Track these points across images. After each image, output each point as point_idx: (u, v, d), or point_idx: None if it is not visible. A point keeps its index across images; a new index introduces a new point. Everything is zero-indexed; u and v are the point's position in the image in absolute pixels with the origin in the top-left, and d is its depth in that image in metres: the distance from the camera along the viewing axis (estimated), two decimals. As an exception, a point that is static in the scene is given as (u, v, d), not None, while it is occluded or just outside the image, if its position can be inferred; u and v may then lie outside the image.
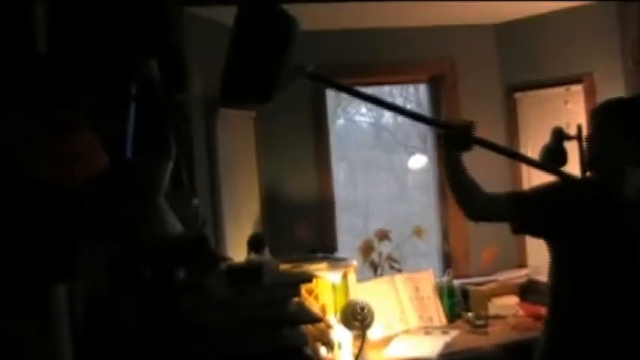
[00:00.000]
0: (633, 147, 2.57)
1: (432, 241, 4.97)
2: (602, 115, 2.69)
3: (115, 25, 2.64)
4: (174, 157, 2.37)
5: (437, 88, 4.95)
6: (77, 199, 1.81)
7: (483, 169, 3.02)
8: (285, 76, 2.29)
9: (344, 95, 6.17)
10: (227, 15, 4.04)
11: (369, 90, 6.07)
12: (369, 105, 6.79)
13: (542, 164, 2.89)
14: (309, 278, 2.84)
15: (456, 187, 2.76)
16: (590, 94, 4.49)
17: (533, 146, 4.49)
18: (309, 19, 4.43)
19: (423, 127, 6.57)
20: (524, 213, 2.80)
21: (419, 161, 5.13)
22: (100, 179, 1.93)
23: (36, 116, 1.63)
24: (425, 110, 5.15)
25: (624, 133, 2.59)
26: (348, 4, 4.12)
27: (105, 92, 2.06)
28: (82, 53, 2.47)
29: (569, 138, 3.02)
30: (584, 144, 2.81)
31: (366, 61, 4.67)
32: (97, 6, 2.70)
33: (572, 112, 4.52)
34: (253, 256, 3.65)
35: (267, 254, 3.70)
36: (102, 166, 1.83)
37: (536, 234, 2.94)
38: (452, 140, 2.66)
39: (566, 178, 2.72)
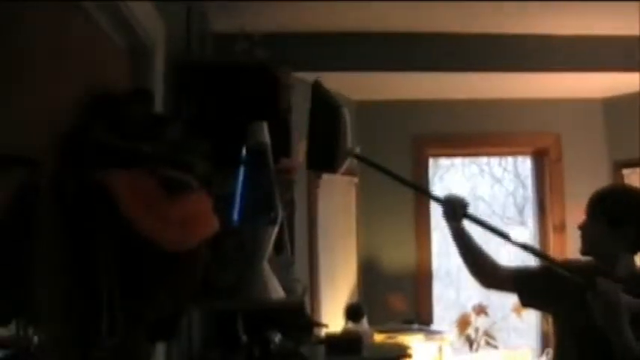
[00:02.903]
0: (621, 237, 2.59)
1: (530, 318, 4.81)
2: (592, 206, 2.68)
3: (230, 91, 2.70)
4: (279, 223, 2.37)
5: (540, 162, 4.86)
6: (189, 261, 1.81)
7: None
8: (342, 154, 2.59)
9: (442, 163, 6.14)
10: (333, 80, 4.12)
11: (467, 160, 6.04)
12: (467, 174, 6.77)
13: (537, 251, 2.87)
14: (407, 353, 2.78)
15: (464, 258, 2.78)
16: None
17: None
18: (416, 88, 4.47)
19: (520, 199, 6.46)
20: (527, 288, 2.79)
21: (520, 236, 5.00)
22: (208, 241, 1.93)
23: (156, 177, 1.65)
24: (526, 183, 5.05)
25: (613, 224, 2.60)
26: (453, 74, 4.12)
27: (218, 156, 2.07)
28: (199, 118, 2.53)
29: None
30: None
31: (470, 132, 4.64)
32: (214, 74, 2.77)
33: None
34: (350, 325, 3.60)
35: (364, 324, 3.65)
36: (214, 230, 1.83)
37: (541, 308, 2.93)
38: (449, 212, 2.71)
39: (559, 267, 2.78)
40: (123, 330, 1.60)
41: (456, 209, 2.67)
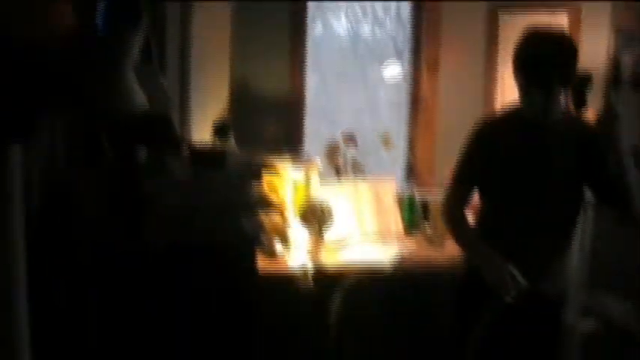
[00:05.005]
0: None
1: (399, 157, 4.97)
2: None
3: None
4: (144, 28, 2.30)
5: (419, 6, 4.87)
6: (41, 55, 1.75)
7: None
8: None
9: (325, 5, 6.06)
10: None
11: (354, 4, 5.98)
12: (349, 15, 6.73)
13: None
14: (271, 166, 2.82)
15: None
16: (574, 24, 4.46)
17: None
18: None
19: (400, 42, 6.51)
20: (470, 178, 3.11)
21: (393, 70, 5.06)
22: (67, 42, 1.86)
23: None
24: (406, 28, 5.06)
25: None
26: None
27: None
28: None
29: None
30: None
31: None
32: None
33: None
34: (218, 142, 3.61)
35: (231, 142, 3.66)
36: (67, 24, 1.76)
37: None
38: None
39: None
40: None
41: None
